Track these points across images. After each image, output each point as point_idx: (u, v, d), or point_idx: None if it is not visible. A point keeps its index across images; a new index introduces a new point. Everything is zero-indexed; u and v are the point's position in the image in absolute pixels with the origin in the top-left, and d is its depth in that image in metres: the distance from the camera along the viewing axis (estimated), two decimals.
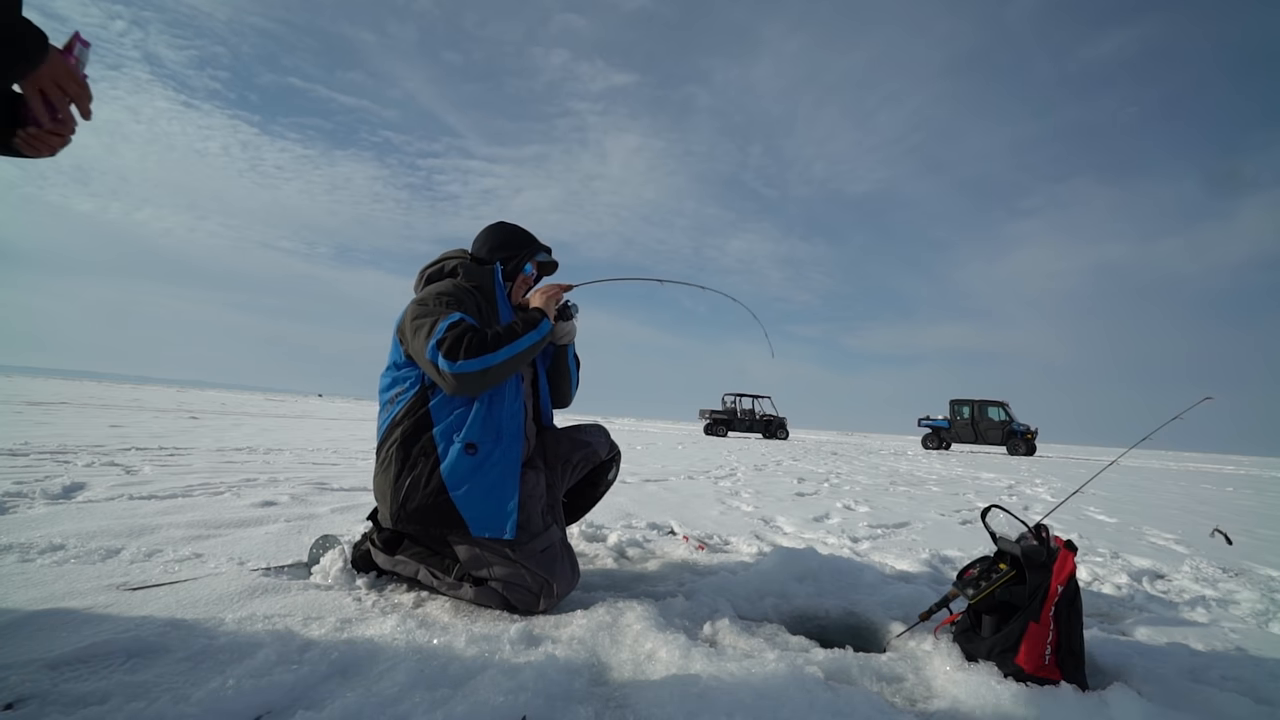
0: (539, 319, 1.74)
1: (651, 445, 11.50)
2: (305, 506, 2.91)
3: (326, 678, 1.16)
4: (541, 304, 1.82)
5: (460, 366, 1.54)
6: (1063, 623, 1.34)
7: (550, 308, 1.82)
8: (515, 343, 1.63)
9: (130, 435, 5.90)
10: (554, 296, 1.87)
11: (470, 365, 1.55)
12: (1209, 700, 1.28)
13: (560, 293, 1.90)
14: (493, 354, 1.58)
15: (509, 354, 1.61)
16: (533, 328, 1.70)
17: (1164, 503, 6.15)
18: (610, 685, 1.22)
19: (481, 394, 1.65)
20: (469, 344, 1.55)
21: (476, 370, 1.56)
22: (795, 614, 1.81)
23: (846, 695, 1.18)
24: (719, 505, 4.06)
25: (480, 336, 1.59)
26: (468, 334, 1.57)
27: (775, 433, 23.90)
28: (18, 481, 2.91)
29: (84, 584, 1.59)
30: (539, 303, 1.83)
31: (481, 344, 1.57)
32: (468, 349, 1.55)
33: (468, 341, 1.55)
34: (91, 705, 1.00)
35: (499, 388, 1.68)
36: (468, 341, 1.55)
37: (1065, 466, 13.21)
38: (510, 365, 1.63)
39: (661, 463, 7.42)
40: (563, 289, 1.92)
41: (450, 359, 1.54)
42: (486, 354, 1.57)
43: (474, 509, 1.61)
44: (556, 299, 1.87)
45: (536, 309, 1.79)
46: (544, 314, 1.77)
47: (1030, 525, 1.48)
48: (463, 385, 1.58)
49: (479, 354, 1.55)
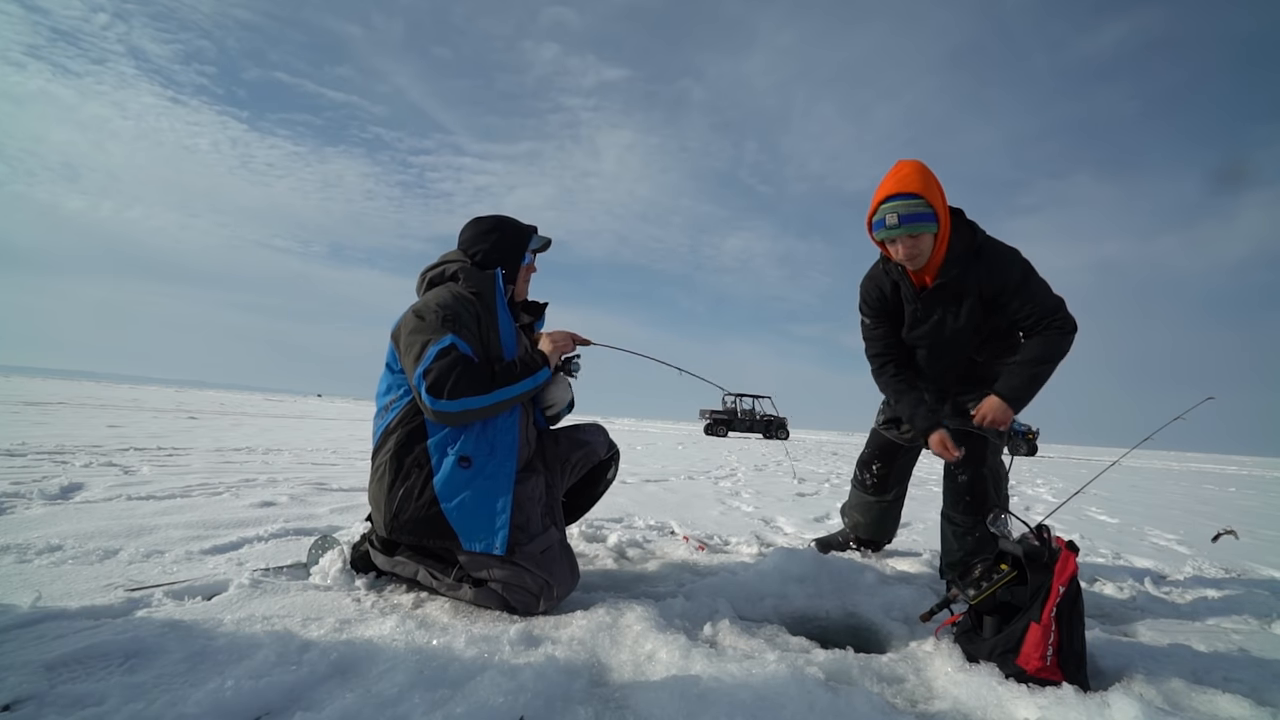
0: (539, 366, 1.71)
1: (651, 445, 11.50)
2: (304, 507, 2.91)
3: (325, 678, 1.16)
4: (549, 350, 1.80)
5: (442, 405, 1.54)
6: (1064, 624, 1.34)
7: (555, 358, 1.80)
8: (505, 388, 1.62)
9: (128, 435, 5.89)
10: (564, 347, 1.84)
11: (451, 406, 1.54)
12: (1211, 702, 1.28)
13: (571, 345, 1.88)
14: (476, 398, 1.57)
15: (495, 399, 1.60)
16: (530, 374, 1.68)
17: (1166, 503, 6.15)
18: (610, 686, 1.22)
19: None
20: (455, 381, 1.54)
21: (456, 411, 1.56)
22: (795, 615, 1.80)
23: (847, 696, 1.17)
24: (719, 505, 4.06)
25: (468, 374, 1.57)
26: (456, 368, 1.55)
27: (775, 433, 23.90)
28: (15, 482, 2.90)
29: (82, 585, 1.59)
30: (547, 348, 1.80)
31: (469, 383, 1.55)
32: (453, 387, 1.53)
33: (454, 378, 1.54)
34: (90, 706, 1.00)
35: None
36: (454, 378, 1.54)
37: (1066, 467, 13.21)
38: (494, 409, 1.62)
39: (661, 463, 7.42)
40: (577, 341, 1.89)
41: (434, 395, 1.53)
42: (470, 396, 1.56)
43: (465, 522, 1.60)
44: (566, 350, 1.85)
45: (540, 353, 1.76)
46: (546, 361, 1.75)
47: (1032, 526, 1.48)
48: (441, 420, 1.59)
49: (463, 395, 1.54)
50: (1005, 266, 1.98)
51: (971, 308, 2.03)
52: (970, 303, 2.03)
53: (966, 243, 2.00)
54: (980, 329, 2.08)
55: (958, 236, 2.00)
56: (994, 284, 1.97)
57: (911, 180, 1.90)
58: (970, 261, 1.99)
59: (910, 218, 1.89)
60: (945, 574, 2.15)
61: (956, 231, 2.00)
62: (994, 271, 1.98)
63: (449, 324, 1.63)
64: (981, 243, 2.01)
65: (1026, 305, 1.97)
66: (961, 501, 2.13)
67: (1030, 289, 1.97)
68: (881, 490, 2.60)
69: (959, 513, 2.13)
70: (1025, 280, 1.97)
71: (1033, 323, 1.98)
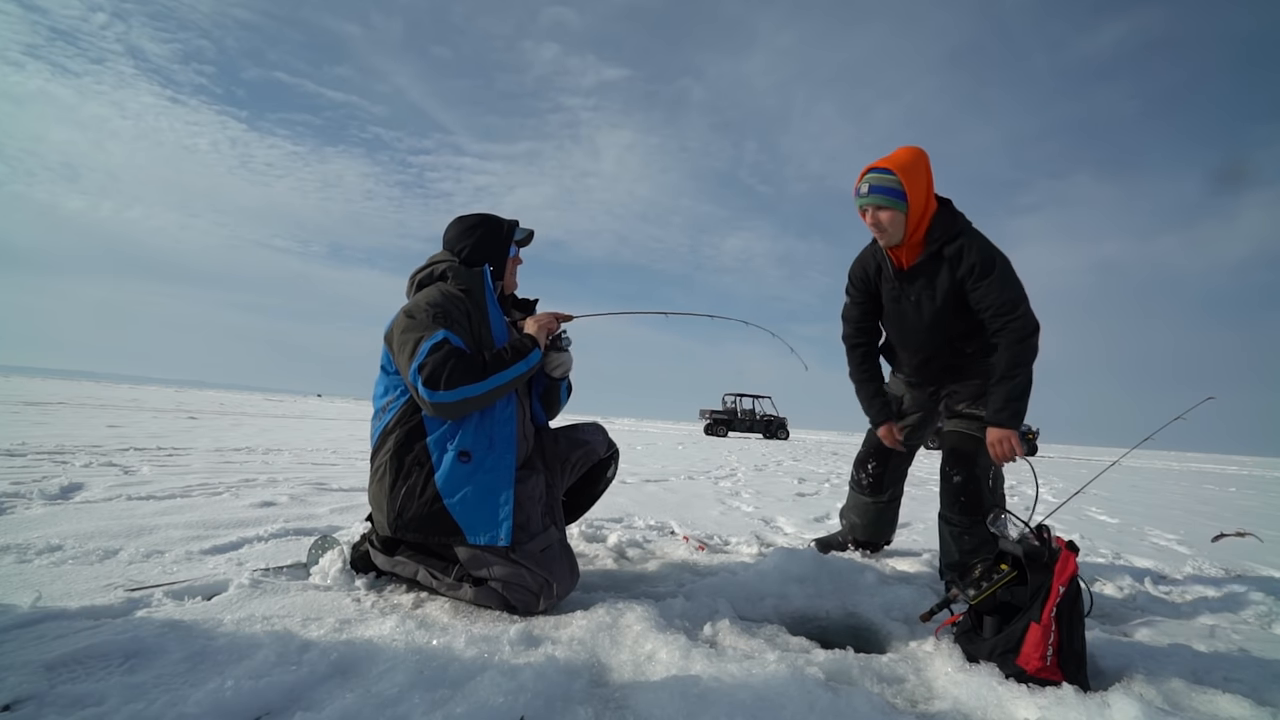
0: (530, 349, 1.72)
1: (651, 445, 11.50)
2: (304, 507, 2.91)
3: (325, 678, 1.16)
4: (535, 332, 1.81)
5: (439, 396, 1.54)
6: (1064, 624, 1.34)
7: (543, 337, 1.81)
8: (500, 373, 1.63)
9: (128, 435, 5.89)
10: (549, 326, 1.86)
11: (448, 396, 1.54)
12: (1211, 702, 1.28)
13: (556, 323, 1.89)
14: (472, 385, 1.57)
15: (491, 385, 1.61)
16: (521, 357, 1.69)
17: (1166, 503, 6.15)
18: (610, 686, 1.22)
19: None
20: (450, 372, 1.54)
21: (454, 401, 1.56)
22: (795, 615, 1.80)
23: (847, 696, 1.17)
24: (719, 505, 4.06)
25: (463, 363, 1.57)
26: (450, 360, 1.56)
27: (776, 433, 23.91)
28: (15, 482, 2.90)
29: (82, 585, 1.59)
30: (533, 330, 1.82)
31: (464, 372, 1.56)
32: (448, 378, 1.54)
33: (449, 370, 1.54)
34: (89, 706, 0.99)
35: None
36: (449, 370, 1.54)
37: (1066, 467, 13.21)
38: (491, 396, 1.62)
39: (661, 463, 7.42)
40: (560, 319, 1.91)
41: (430, 387, 1.54)
42: (466, 384, 1.56)
43: (469, 516, 1.61)
44: (552, 329, 1.87)
45: (529, 336, 1.78)
46: (536, 343, 1.75)
47: (1032, 526, 1.48)
48: (440, 412, 1.59)
49: (459, 384, 1.55)
50: (978, 251, 2.03)
51: (945, 291, 2.07)
52: (943, 285, 2.07)
53: (947, 227, 2.05)
54: (954, 314, 2.11)
55: (939, 221, 2.06)
56: (964, 266, 2.03)
57: (895, 160, 2.01)
58: (947, 245, 2.05)
59: (879, 189, 2.00)
60: (944, 574, 2.16)
61: (940, 218, 2.06)
62: (967, 254, 2.03)
63: (440, 320, 1.64)
64: (962, 229, 2.07)
65: (990, 294, 2.01)
66: (957, 502, 2.14)
67: (996, 278, 2.01)
68: (877, 490, 2.61)
69: (955, 513, 2.15)
70: (994, 268, 2.02)
71: (992, 314, 2.02)
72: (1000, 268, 2.02)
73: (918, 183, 2.00)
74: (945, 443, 2.24)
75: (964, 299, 2.07)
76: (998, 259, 2.03)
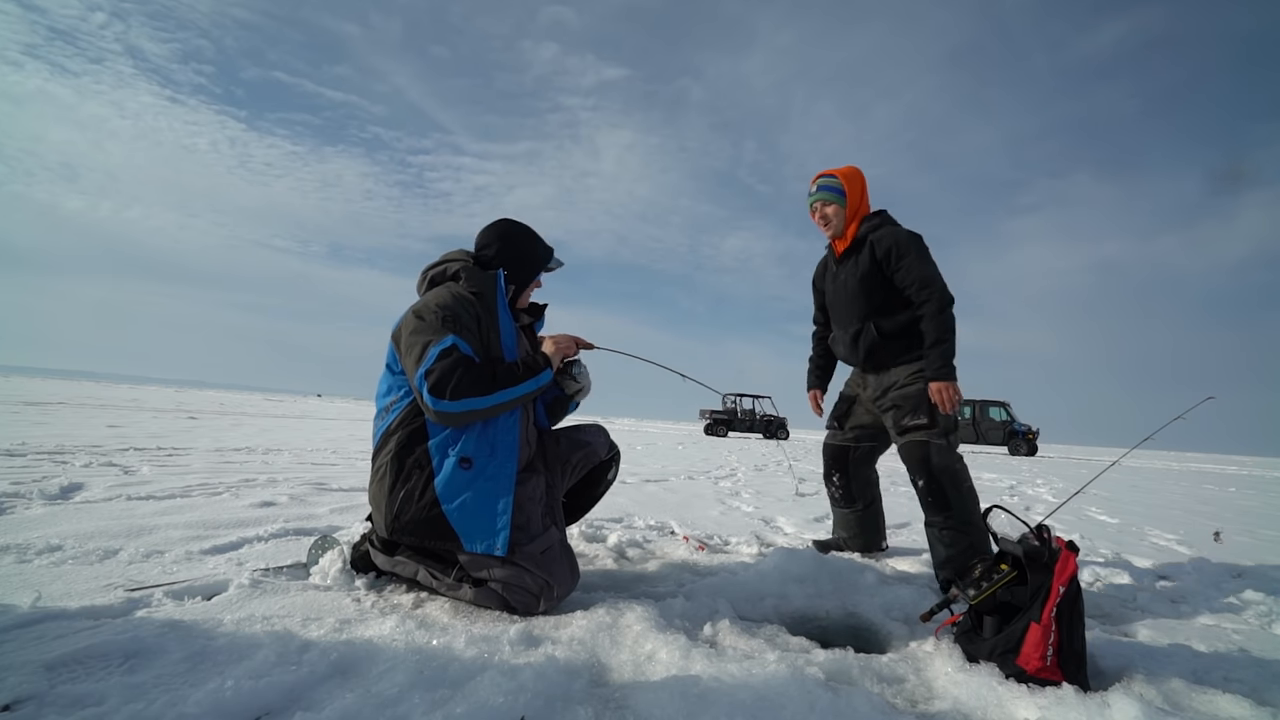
0: (541, 368, 1.71)
1: (651, 445, 11.50)
2: (304, 507, 2.91)
3: (325, 678, 1.15)
4: (551, 352, 1.80)
5: (444, 406, 1.54)
6: (1064, 624, 1.34)
7: (558, 360, 1.81)
8: (508, 389, 1.62)
9: (128, 435, 5.89)
10: (567, 350, 1.86)
11: (453, 406, 1.54)
12: (1211, 702, 1.28)
13: (574, 348, 1.89)
14: (478, 398, 1.57)
15: (497, 400, 1.60)
16: (532, 375, 1.68)
17: (1166, 503, 6.15)
18: (610, 686, 1.22)
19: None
20: (457, 382, 1.54)
21: (459, 412, 1.56)
22: (795, 615, 1.80)
23: (847, 696, 1.17)
24: (719, 505, 4.06)
25: (470, 374, 1.56)
26: (458, 369, 1.55)
27: (776, 433, 23.89)
28: (15, 482, 2.90)
29: (82, 585, 1.59)
30: (550, 350, 1.81)
31: (471, 383, 1.55)
32: (455, 388, 1.53)
33: (456, 380, 1.54)
34: (89, 706, 0.99)
35: None
36: (456, 380, 1.54)
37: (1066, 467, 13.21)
38: (496, 410, 1.62)
39: (661, 463, 7.42)
40: (580, 345, 1.91)
41: (436, 395, 1.53)
42: (472, 397, 1.56)
43: (467, 523, 1.60)
44: (569, 353, 1.86)
45: (544, 355, 1.77)
46: (549, 364, 1.75)
47: (1032, 526, 1.48)
48: (444, 420, 1.59)
49: (464, 395, 1.54)
50: (900, 234, 2.33)
51: (866, 268, 2.36)
52: (864, 263, 2.37)
53: (875, 222, 2.42)
54: (873, 289, 2.37)
55: (870, 218, 2.45)
56: (885, 245, 2.33)
57: (838, 170, 2.47)
58: (872, 233, 2.38)
59: (825, 187, 2.46)
60: (938, 575, 2.19)
61: (871, 215, 2.46)
62: (887, 238, 2.33)
63: (449, 324, 1.63)
64: (886, 221, 2.43)
65: (911, 272, 2.28)
66: (926, 503, 2.24)
67: (915, 257, 2.29)
68: (850, 501, 2.73)
69: (930, 514, 2.23)
70: (912, 248, 2.30)
71: (915, 289, 2.29)
72: (916, 249, 2.30)
73: (855, 186, 2.44)
74: (902, 459, 2.34)
75: (882, 278, 2.35)
76: (914, 242, 2.32)
